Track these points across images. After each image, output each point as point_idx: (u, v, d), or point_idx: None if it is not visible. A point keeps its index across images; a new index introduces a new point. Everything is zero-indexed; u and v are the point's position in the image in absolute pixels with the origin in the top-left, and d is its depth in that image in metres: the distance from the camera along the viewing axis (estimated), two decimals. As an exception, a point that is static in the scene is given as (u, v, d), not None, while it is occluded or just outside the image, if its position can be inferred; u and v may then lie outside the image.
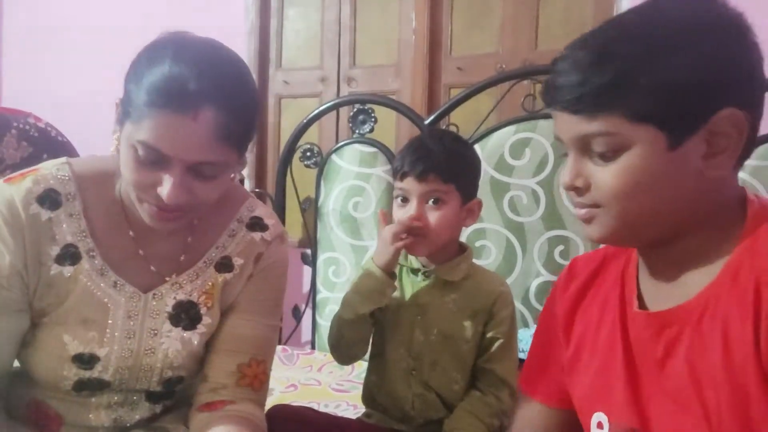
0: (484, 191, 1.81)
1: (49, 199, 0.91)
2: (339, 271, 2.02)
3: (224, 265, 1.00)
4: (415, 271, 1.17)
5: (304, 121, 2.11)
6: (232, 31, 2.52)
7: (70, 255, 0.91)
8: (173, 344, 0.96)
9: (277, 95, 2.58)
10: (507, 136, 1.83)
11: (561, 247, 1.77)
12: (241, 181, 2.24)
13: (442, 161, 1.11)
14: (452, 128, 1.96)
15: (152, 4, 2.61)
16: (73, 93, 2.83)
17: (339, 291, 2.01)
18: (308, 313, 2.16)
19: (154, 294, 0.96)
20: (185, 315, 0.97)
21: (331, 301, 2.03)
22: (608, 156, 0.70)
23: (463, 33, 2.30)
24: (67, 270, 0.91)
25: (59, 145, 1.85)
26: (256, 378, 1.00)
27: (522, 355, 1.51)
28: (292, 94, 2.57)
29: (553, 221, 1.78)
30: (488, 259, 1.82)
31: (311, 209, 2.11)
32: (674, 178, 0.69)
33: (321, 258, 2.05)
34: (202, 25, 2.77)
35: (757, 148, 1.64)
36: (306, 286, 2.30)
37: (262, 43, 2.55)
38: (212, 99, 0.81)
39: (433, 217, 1.10)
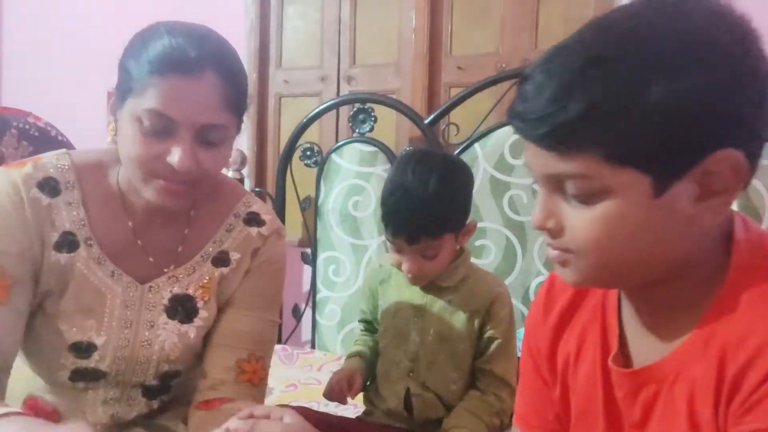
0: (484, 190, 1.82)
1: (49, 186, 0.91)
2: (339, 270, 2.02)
3: (221, 259, 1.00)
4: None
5: (304, 120, 2.11)
6: (232, 30, 2.51)
7: (67, 243, 0.92)
8: (170, 337, 0.96)
9: (277, 94, 2.57)
10: (507, 135, 1.83)
11: (561, 247, 1.76)
12: (241, 180, 2.24)
13: (429, 222, 1.05)
14: (452, 128, 1.96)
15: (152, 4, 2.61)
16: (73, 93, 2.83)
17: (339, 290, 2.01)
18: (308, 312, 2.16)
19: (151, 286, 0.96)
20: (182, 308, 0.97)
21: (331, 301, 2.03)
22: (584, 200, 0.59)
23: (463, 32, 2.29)
24: (64, 257, 0.91)
25: (59, 144, 1.85)
26: (255, 374, 0.99)
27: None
28: (292, 93, 2.56)
29: (553, 220, 1.78)
30: (488, 258, 1.82)
31: (311, 208, 2.12)
32: (661, 227, 0.59)
33: (321, 257, 2.05)
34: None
35: (757, 148, 1.64)
36: (306, 286, 2.30)
37: (261, 42, 2.55)
38: (212, 64, 0.84)
39: (429, 266, 1.10)
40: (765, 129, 0.58)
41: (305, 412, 1.18)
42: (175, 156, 0.83)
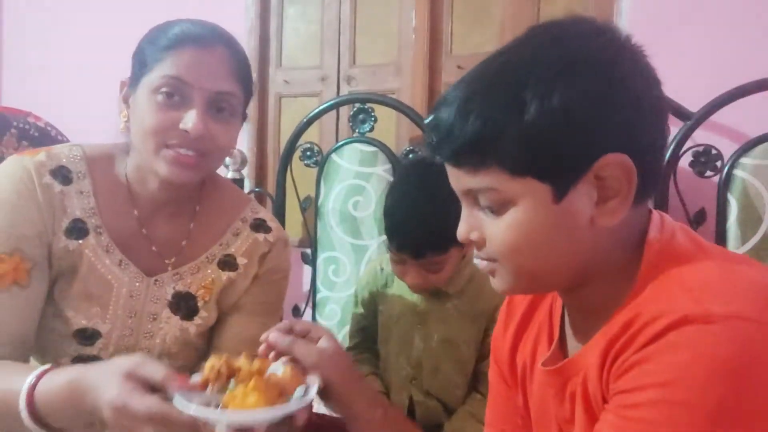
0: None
1: (61, 174, 0.95)
2: (339, 270, 2.02)
3: (228, 263, 1.02)
4: None
5: (304, 120, 2.10)
6: (232, 30, 2.50)
7: (77, 229, 0.94)
8: (171, 330, 0.97)
9: (277, 94, 2.57)
10: (507, 135, 1.83)
11: (561, 247, 1.76)
12: (241, 180, 2.24)
13: (436, 238, 1.03)
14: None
15: (152, 4, 2.61)
16: (73, 93, 2.83)
17: (339, 290, 2.01)
18: (308, 312, 2.16)
19: (156, 280, 0.98)
20: (184, 305, 0.98)
21: (330, 301, 2.03)
22: (496, 210, 0.65)
23: (464, 32, 2.29)
24: (72, 244, 0.94)
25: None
26: None
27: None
28: (291, 93, 2.56)
29: (554, 220, 1.77)
30: (488, 258, 1.82)
31: (311, 208, 2.11)
32: (565, 230, 0.64)
33: (321, 257, 2.05)
34: (202, 25, 2.72)
35: (756, 148, 1.64)
36: (306, 286, 2.30)
37: (261, 42, 2.54)
38: (224, 41, 0.94)
39: (433, 278, 1.08)
40: (645, 133, 0.63)
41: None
42: (189, 121, 0.88)
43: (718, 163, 1.67)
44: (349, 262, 1.99)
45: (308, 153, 2.16)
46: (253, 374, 0.75)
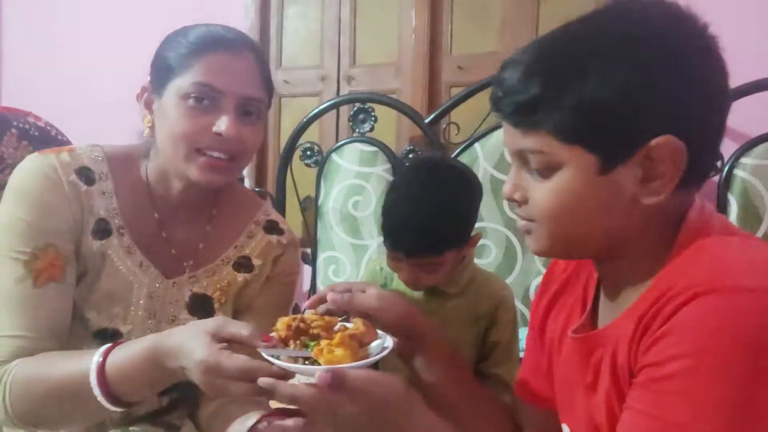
0: (484, 190, 1.80)
1: (85, 174, 0.95)
2: (339, 270, 2.02)
3: (243, 265, 1.03)
4: None
5: (304, 120, 2.10)
6: (232, 30, 2.52)
7: (101, 230, 0.95)
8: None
9: (277, 94, 2.57)
10: (507, 135, 1.83)
11: (561, 247, 1.77)
12: (242, 180, 2.24)
13: (430, 241, 1.02)
14: (452, 127, 1.96)
15: (152, 4, 2.61)
16: (73, 93, 2.82)
17: (339, 290, 2.01)
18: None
19: (174, 282, 0.98)
20: (200, 307, 0.99)
21: (331, 301, 2.03)
22: (543, 173, 0.67)
23: (464, 31, 2.29)
24: (96, 244, 0.94)
25: (59, 144, 1.85)
26: None
27: (522, 355, 1.51)
28: (292, 93, 2.56)
29: (554, 220, 1.78)
30: (488, 258, 1.82)
31: (311, 208, 2.11)
32: (604, 202, 0.65)
33: (321, 257, 2.05)
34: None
35: (756, 148, 1.64)
36: (306, 286, 2.30)
37: (261, 42, 2.54)
38: (249, 45, 0.95)
39: (428, 278, 1.07)
40: (703, 121, 0.65)
41: (299, 414, 1.18)
42: (222, 125, 0.89)
43: (718, 163, 1.67)
44: (349, 262, 1.99)
45: (308, 153, 2.16)
46: (325, 328, 0.77)
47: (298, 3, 2.54)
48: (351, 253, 1.99)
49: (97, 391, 0.79)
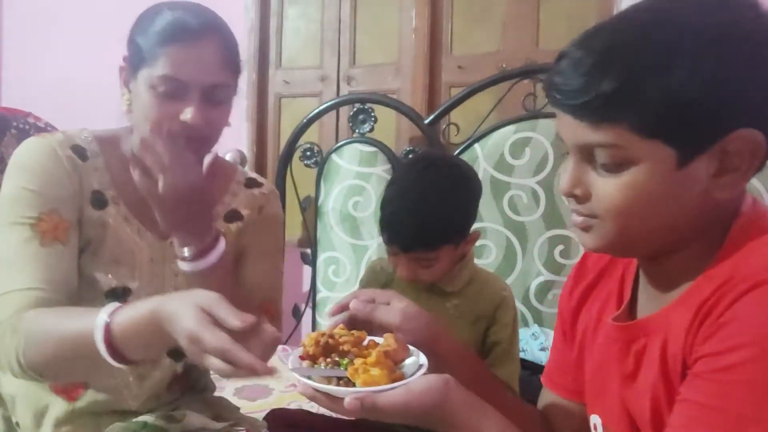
0: (484, 191, 1.81)
1: (78, 152, 1.01)
2: (339, 270, 2.02)
3: (234, 216, 1.10)
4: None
5: (304, 120, 2.10)
6: (232, 29, 2.51)
7: (98, 200, 1.01)
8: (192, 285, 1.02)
9: (277, 94, 2.57)
10: (507, 135, 1.83)
11: (561, 247, 1.76)
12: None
13: (427, 234, 1.03)
14: (452, 128, 1.96)
15: (152, 4, 2.61)
16: (73, 93, 2.83)
17: (339, 290, 2.01)
18: (308, 312, 2.16)
19: (171, 242, 1.02)
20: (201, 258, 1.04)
21: (331, 301, 2.02)
22: (612, 168, 0.64)
23: (464, 31, 2.29)
24: (96, 213, 1.00)
25: (59, 144, 1.85)
26: (267, 312, 1.06)
27: (522, 355, 1.51)
28: (292, 94, 2.56)
29: (553, 221, 1.77)
30: (488, 258, 1.82)
31: (311, 209, 2.11)
32: (679, 197, 0.64)
33: (321, 257, 2.05)
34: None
35: None
36: (306, 286, 2.29)
37: (261, 42, 2.54)
38: (211, 31, 0.97)
39: (425, 273, 1.08)
40: None
41: (302, 416, 1.18)
42: (188, 114, 0.94)
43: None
44: (349, 263, 1.99)
45: (308, 153, 2.15)
46: (354, 344, 0.75)
47: (298, 3, 2.54)
48: (351, 253, 1.99)
49: (102, 348, 0.82)
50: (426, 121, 1.97)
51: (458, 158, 1.44)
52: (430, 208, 1.04)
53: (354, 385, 0.69)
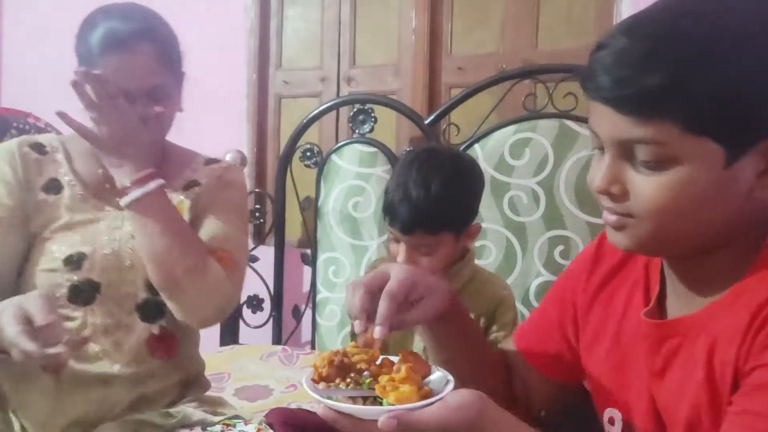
0: (484, 191, 1.81)
1: (37, 147, 1.14)
2: (339, 271, 2.02)
3: (191, 184, 1.17)
4: None
5: (304, 121, 2.10)
6: (232, 30, 2.51)
7: (53, 186, 1.10)
8: None
9: (277, 95, 2.57)
10: (507, 135, 1.83)
11: (561, 247, 1.76)
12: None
13: (427, 216, 1.06)
14: (452, 128, 1.96)
15: (152, 4, 2.61)
16: (72, 93, 2.82)
17: (339, 291, 2.01)
18: (308, 313, 2.16)
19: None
20: None
21: (331, 301, 2.03)
22: (653, 166, 0.61)
23: (464, 32, 2.29)
24: (51, 198, 1.09)
25: (59, 145, 1.84)
26: (221, 260, 1.08)
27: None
28: (291, 94, 2.56)
29: (553, 221, 1.78)
30: (488, 259, 1.82)
31: (311, 209, 2.11)
32: (724, 197, 0.61)
33: (321, 258, 2.05)
34: (202, 25, 2.76)
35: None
36: (306, 286, 2.29)
37: (261, 42, 2.54)
38: (144, 36, 1.04)
39: (425, 261, 1.08)
40: None
41: (302, 415, 1.18)
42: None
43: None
44: (349, 263, 1.99)
45: (308, 154, 2.16)
46: (369, 362, 0.71)
47: (297, 4, 2.54)
48: (351, 253, 1.99)
49: None
50: (426, 122, 1.97)
51: (463, 152, 1.46)
52: (432, 191, 1.06)
53: (380, 404, 0.66)
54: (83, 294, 1.05)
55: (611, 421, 0.78)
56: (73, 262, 1.05)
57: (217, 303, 1.06)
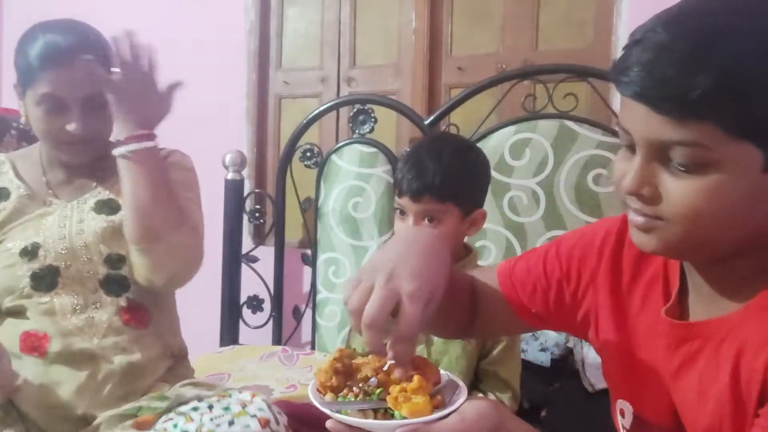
0: (484, 191, 1.81)
1: None
2: (339, 271, 2.02)
3: None
4: None
5: (304, 121, 2.10)
6: (232, 30, 2.51)
7: (2, 194, 1.18)
8: (99, 223, 1.16)
9: (277, 95, 2.57)
10: (507, 136, 1.83)
11: (561, 248, 1.76)
12: (241, 181, 2.24)
13: (437, 181, 1.10)
14: (452, 128, 1.96)
15: (152, 4, 2.61)
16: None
17: (339, 291, 2.01)
18: (308, 313, 2.16)
19: (79, 200, 1.19)
20: (106, 206, 1.19)
21: (331, 302, 2.03)
22: (690, 169, 0.58)
23: (464, 33, 2.29)
24: (1, 204, 1.16)
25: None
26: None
27: (523, 356, 1.51)
28: (292, 95, 2.56)
29: (553, 221, 1.78)
30: (488, 259, 1.82)
31: (311, 209, 2.11)
32: (758, 201, 0.59)
33: (321, 258, 2.05)
34: (202, 25, 2.77)
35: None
36: (306, 287, 2.29)
37: (261, 43, 2.54)
38: (81, 49, 1.12)
39: None
40: None
41: (305, 409, 1.18)
42: (71, 126, 1.11)
43: None
44: (349, 264, 1.99)
45: (308, 154, 2.16)
46: (376, 370, 0.69)
47: (297, 4, 2.54)
48: (351, 254, 1.99)
49: None
50: (426, 122, 1.97)
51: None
52: (443, 160, 1.12)
53: (392, 415, 0.64)
54: (44, 280, 1.12)
55: (621, 413, 0.76)
56: (29, 252, 1.12)
57: (186, 259, 1.16)
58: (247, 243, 2.26)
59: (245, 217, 2.29)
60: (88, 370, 1.10)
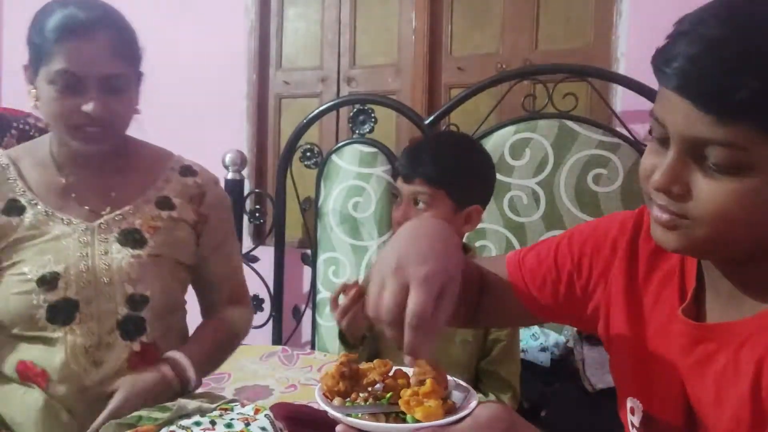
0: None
1: None
2: (339, 271, 2.02)
3: (165, 203, 1.15)
4: None
5: (304, 121, 2.11)
6: (232, 30, 2.51)
7: (15, 208, 1.08)
8: (125, 258, 1.08)
9: (277, 95, 2.57)
10: (507, 136, 1.83)
11: (561, 247, 1.76)
12: (241, 182, 2.24)
13: (430, 165, 1.11)
14: (452, 128, 1.96)
15: (153, 4, 2.61)
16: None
17: (339, 291, 2.01)
18: (308, 313, 2.16)
19: (101, 224, 1.10)
20: (131, 238, 1.10)
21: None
22: (725, 170, 0.56)
23: (464, 33, 2.29)
24: (14, 220, 1.06)
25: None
26: (236, 295, 1.23)
27: (523, 356, 1.51)
28: (292, 94, 2.56)
29: (553, 221, 1.78)
30: (488, 259, 1.82)
31: (311, 209, 2.11)
32: None
33: (321, 258, 2.05)
34: (202, 25, 2.77)
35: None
36: (306, 287, 2.30)
37: (262, 43, 2.54)
38: (101, 23, 1.03)
39: (417, 213, 1.09)
40: None
41: (304, 410, 1.18)
42: (89, 106, 1.02)
43: None
44: (349, 263, 1.99)
45: (308, 154, 2.16)
46: (382, 374, 0.68)
47: (298, 4, 2.54)
48: (351, 254, 1.99)
49: None
50: (426, 122, 1.97)
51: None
52: (439, 149, 1.14)
53: (403, 419, 0.63)
54: (62, 314, 1.03)
55: (632, 411, 0.76)
56: (48, 282, 1.03)
57: (246, 332, 1.24)
58: (247, 243, 2.27)
59: (245, 217, 2.29)
60: (86, 407, 1.04)
